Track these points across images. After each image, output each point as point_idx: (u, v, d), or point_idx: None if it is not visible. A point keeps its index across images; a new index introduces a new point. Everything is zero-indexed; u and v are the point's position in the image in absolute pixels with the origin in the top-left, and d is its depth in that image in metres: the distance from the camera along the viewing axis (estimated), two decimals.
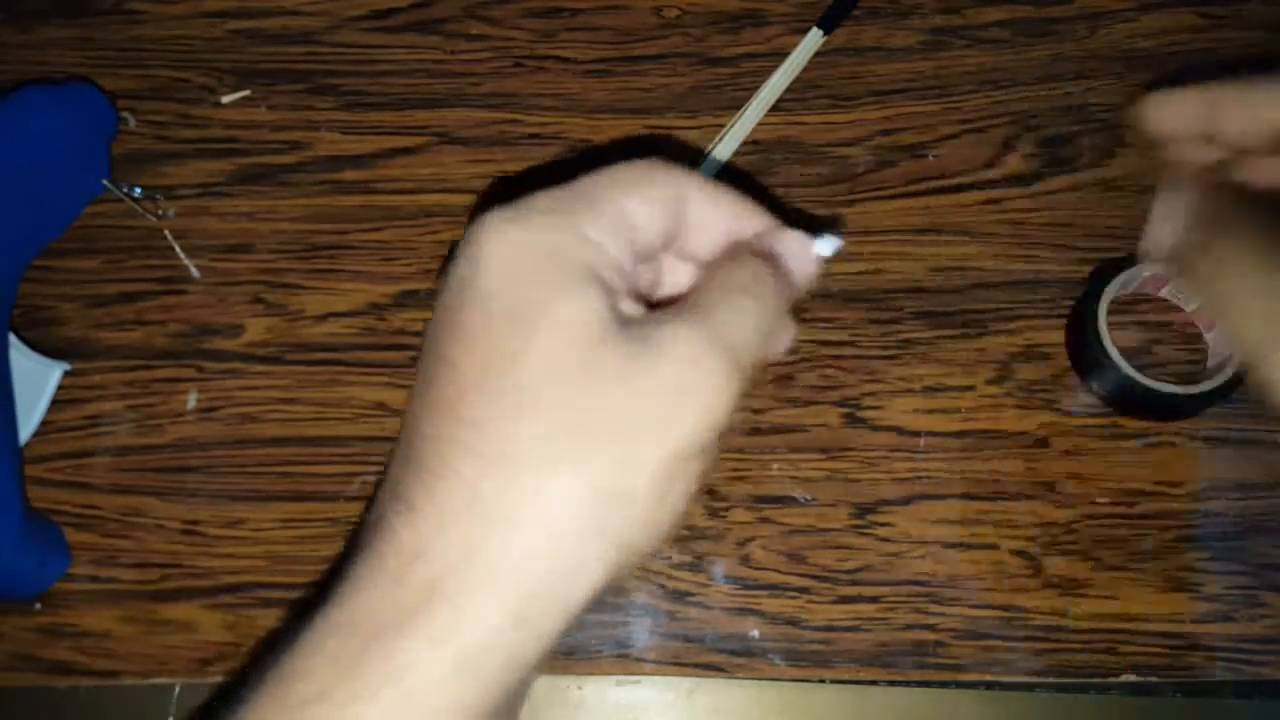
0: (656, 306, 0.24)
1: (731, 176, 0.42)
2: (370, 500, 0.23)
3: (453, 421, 0.21)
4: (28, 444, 0.38)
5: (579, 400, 0.21)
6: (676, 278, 0.26)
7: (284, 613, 0.36)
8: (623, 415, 0.21)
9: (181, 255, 0.41)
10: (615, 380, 0.21)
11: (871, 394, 0.38)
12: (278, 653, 0.21)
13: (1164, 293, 0.39)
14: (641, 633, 0.36)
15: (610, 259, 0.22)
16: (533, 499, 0.20)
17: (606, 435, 0.21)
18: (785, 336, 0.26)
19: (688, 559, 0.37)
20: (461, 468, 0.21)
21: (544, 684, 0.36)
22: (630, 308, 0.23)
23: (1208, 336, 0.38)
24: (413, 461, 0.22)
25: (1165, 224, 0.29)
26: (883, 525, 0.37)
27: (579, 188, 0.23)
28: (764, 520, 0.37)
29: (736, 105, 0.42)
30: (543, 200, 0.23)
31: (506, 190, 0.25)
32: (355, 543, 0.22)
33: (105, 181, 0.41)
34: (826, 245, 0.26)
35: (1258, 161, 0.30)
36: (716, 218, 0.25)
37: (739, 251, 0.25)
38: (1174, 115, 0.31)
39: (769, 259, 0.25)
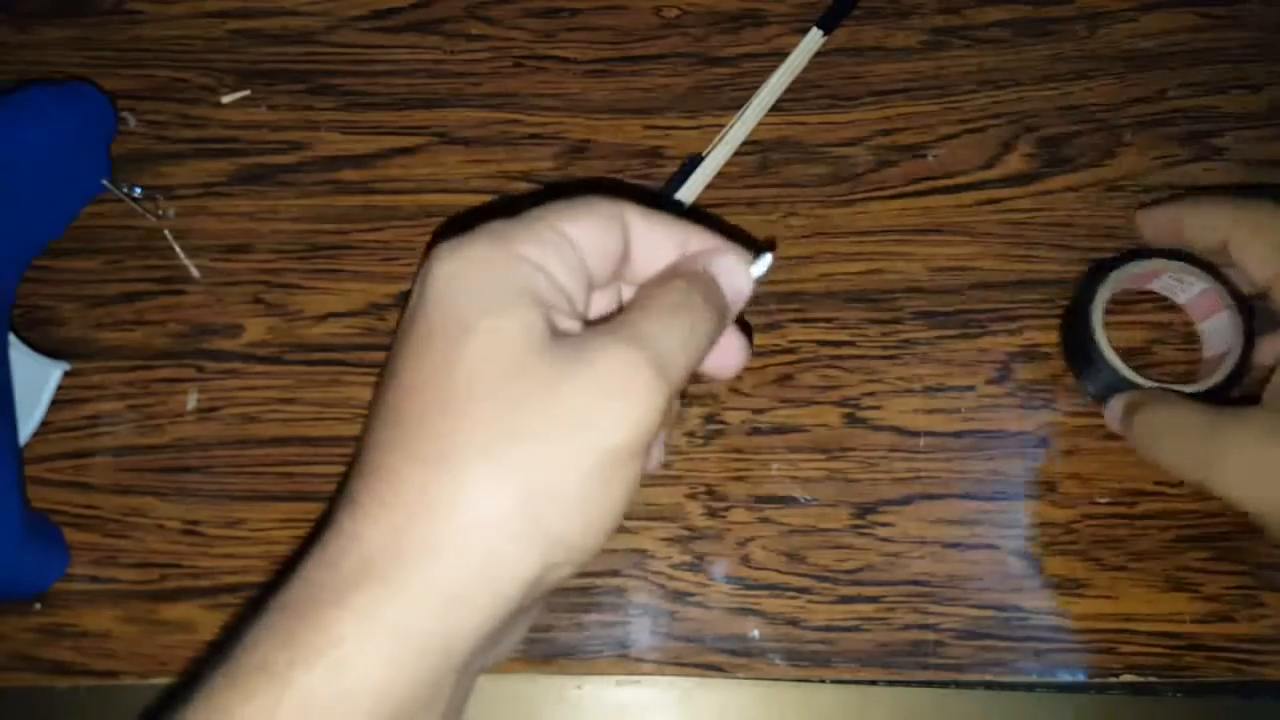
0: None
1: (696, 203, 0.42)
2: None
3: (393, 425, 0.23)
4: (28, 444, 0.38)
5: (507, 402, 0.22)
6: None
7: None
8: (549, 416, 0.22)
9: (181, 255, 0.41)
10: (542, 385, 0.22)
11: (871, 394, 0.38)
12: (232, 636, 0.23)
13: (1156, 285, 0.39)
14: (641, 633, 0.36)
15: (547, 277, 0.24)
16: (460, 490, 0.22)
17: (533, 434, 0.22)
18: (737, 354, 0.28)
19: (688, 559, 0.37)
20: (399, 465, 0.22)
21: (544, 684, 0.36)
22: (569, 324, 0.24)
23: (1202, 326, 0.38)
24: (360, 465, 0.23)
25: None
26: (883, 525, 0.37)
27: (524, 217, 0.25)
28: (764, 520, 0.37)
29: (736, 105, 0.42)
30: (489, 228, 0.25)
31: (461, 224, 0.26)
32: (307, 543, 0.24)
33: (105, 181, 0.41)
34: (759, 265, 0.28)
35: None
36: (659, 242, 0.27)
37: (671, 273, 0.27)
38: (1157, 230, 0.37)
39: (700, 278, 0.26)
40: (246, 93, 0.43)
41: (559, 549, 0.22)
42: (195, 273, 0.40)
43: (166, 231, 0.41)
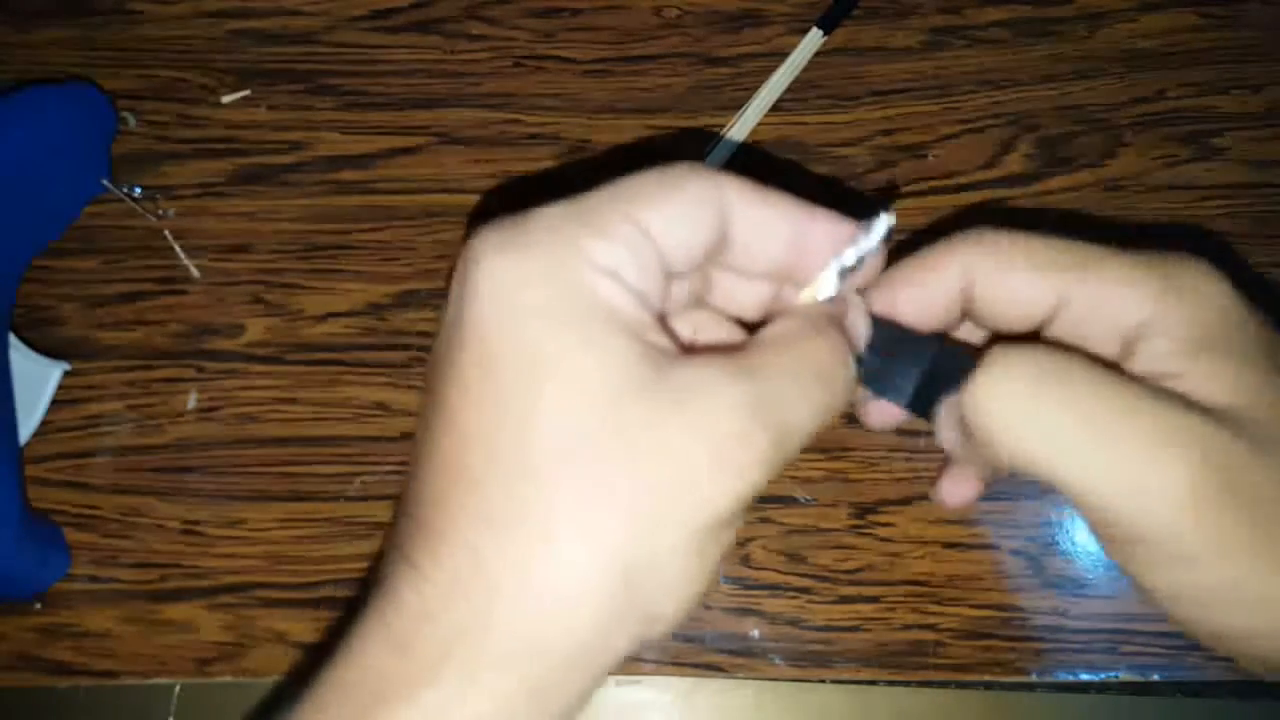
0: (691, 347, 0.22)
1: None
2: (380, 553, 0.22)
3: (455, 481, 0.19)
4: (28, 444, 0.38)
5: (597, 463, 0.19)
6: (731, 293, 0.24)
7: (287, 613, 0.36)
8: (647, 483, 0.19)
9: (181, 255, 0.41)
10: (640, 441, 0.19)
11: None
12: (283, 707, 0.20)
13: None
14: None
15: (627, 287, 0.20)
16: (544, 569, 0.18)
17: (628, 505, 0.19)
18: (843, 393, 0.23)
19: None
20: (468, 532, 0.19)
21: None
22: (657, 338, 0.20)
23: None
24: (416, 518, 0.20)
25: None
26: (883, 525, 0.37)
27: (587, 203, 0.20)
28: (764, 520, 0.37)
29: (736, 105, 0.42)
30: (543, 219, 0.20)
31: (517, 192, 0.23)
32: (366, 594, 0.20)
33: (105, 181, 0.41)
34: (875, 232, 0.23)
35: None
36: (770, 228, 0.22)
37: (813, 315, 0.22)
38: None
39: (840, 324, 0.22)
40: (246, 93, 0.43)
41: (654, 624, 0.20)
42: (195, 273, 0.40)
43: (166, 231, 0.41)
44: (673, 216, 0.21)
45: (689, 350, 0.21)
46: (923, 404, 0.25)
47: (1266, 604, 0.20)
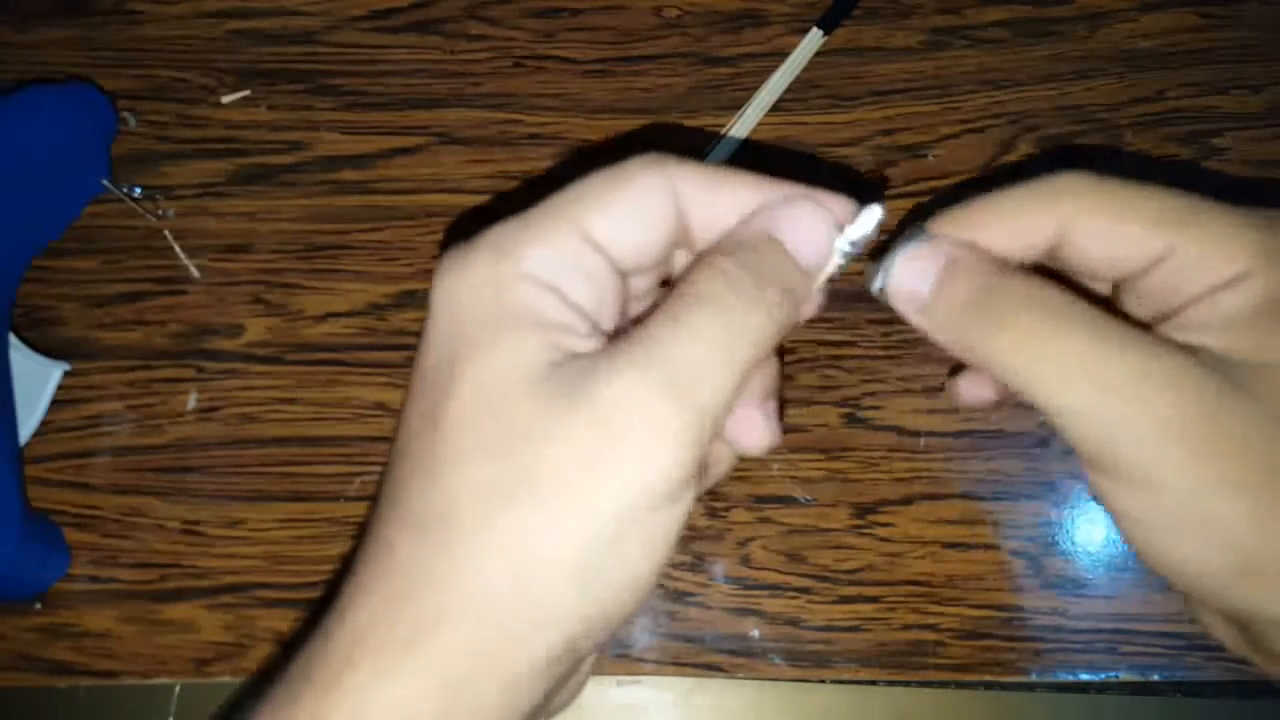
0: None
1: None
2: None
3: (394, 481, 0.21)
4: (28, 444, 0.38)
5: (498, 458, 0.19)
6: None
7: (287, 613, 0.36)
8: (547, 473, 0.19)
9: (181, 255, 0.41)
10: (540, 435, 0.19)
11: (871, 394, 0.38)
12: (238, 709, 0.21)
13: None
14: (641, 633, 0.36)
15: (558, 296, 0.20)
16: (453, 567, 0.19)
17: (529, 497, 0.19)
18: (757, 427, 0.24)
19: (688, 559, 0.37)
20: (385, 529, 0.20)
21: None
22: (586, 345, 0.20)
23: None
24: (369, 525, 0.21)
25: None
26: (883, 525, 0.37)
27: (537, 213, 0.21)
28: (764, 520, 0.37)
29: (736, 105, 0.42)
30: (492, 235, 0.21)
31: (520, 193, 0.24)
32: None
33: (105, 181, 0.41)
34: (860, 223, 0.21)
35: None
36: (726, 207, 0.22)
37: (722, 245, 0.22)
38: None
39: (755, 247, 0.21)
40: (246, 93, 0.43)
41: (574, 623, 0.19)
42: (195, 273, 0.40)
43: (166, 231, 0.41)
44: (620, 217, 0.21)
45: (615, 335, 0.21)
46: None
47: (1219, 530, 0.21)
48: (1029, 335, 0.22)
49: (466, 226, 0.23)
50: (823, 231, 0.22)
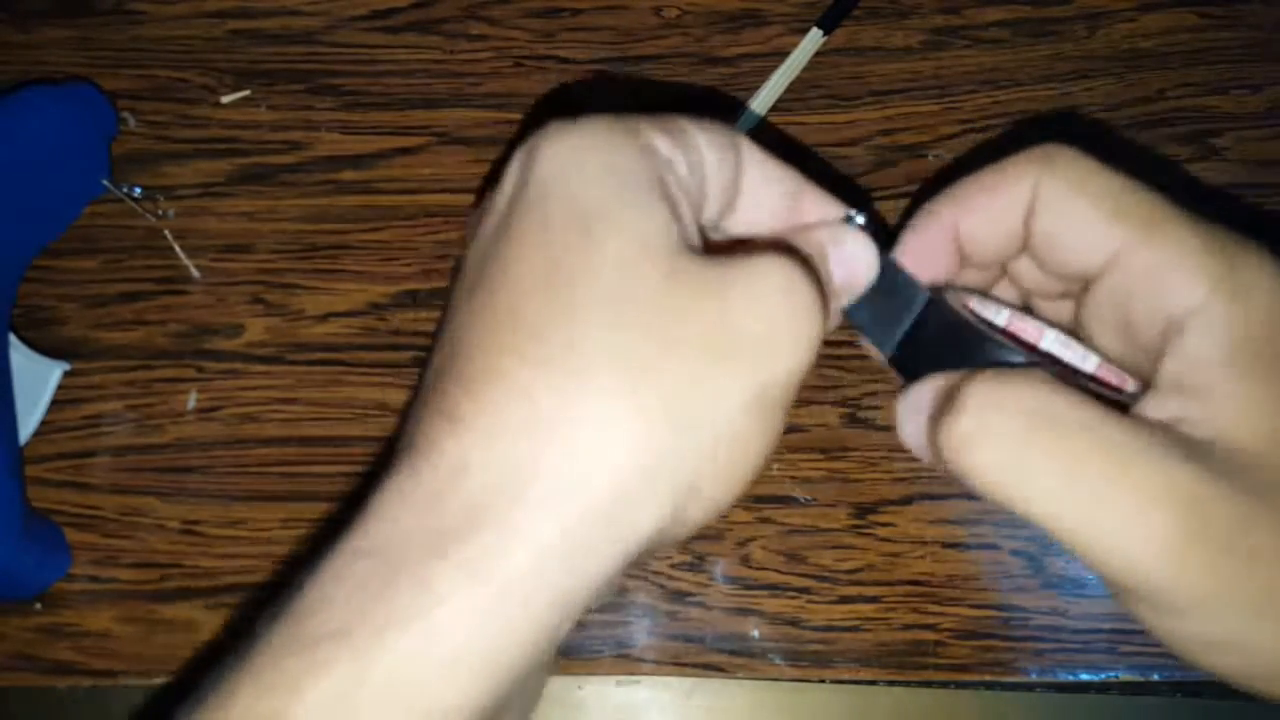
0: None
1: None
2: (394, 436, 0.21)
3: (509, 329, 0.19)
4: (28, 444, 0.38)
5: (660, 309, 0.18)
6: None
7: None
8: (710, 332, 0.18)
9: (181, 255, 0.41)
10: (704, 293, 0.19)
11: (871, 394, 0.38)
12: (294, 584, 0.18)
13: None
14: (641, 633, 0.36)
15: (680, 179, 0.20)
16: (598, 414, 0.18)
17: (690, 352, 0.18)
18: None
19: (688, 559, 0.37)
20: (519, 375, 0.18)
21: None
22: (697, 239, 0.20)
23: None
24: (456, 373, 0.19)
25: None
26: (883, 525, 0.37)
27: (645, 116, 0.21)
28: (764, 520, 0.37)
29: (736, 105, 0.42)
30: (607, 116, 0.21)
31: None
32: (379, 472, 0.19)
33: (105, 181, 0.41)
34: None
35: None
36: (771, 190, 0.23)
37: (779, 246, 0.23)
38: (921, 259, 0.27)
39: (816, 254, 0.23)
40: (246, 93, 0.43)
41: (696, 499, 0.19)
42: (195, 273, 0.40)
43: (166, 231, 0.41)
44: (708, 143, 0.21)
45: None
46: (905, 360, 0.24)
47: (1260, 653, 0.20)
48: (1001, 450, 0.20)
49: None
50: (868, 264, 0.24)
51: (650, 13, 0.44)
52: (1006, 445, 0.20)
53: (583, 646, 0.36)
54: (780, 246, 0.20)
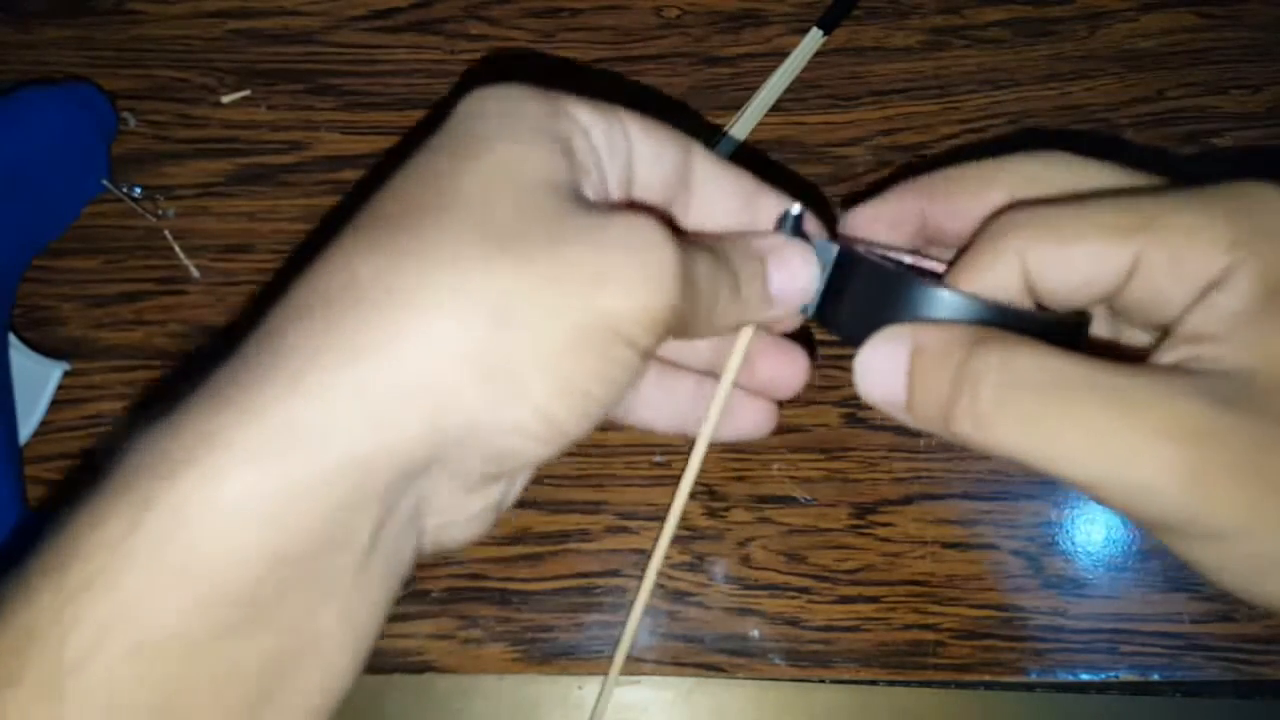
0: None
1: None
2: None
3: (364, 227, 0.20)
4: (28, 444, 0.38)
5: (511, 230, 0.19)
6: None
7: None
8: (556, 258, 0.19)
9: (181, 255, 0.41)
10: (563, 227, 0.19)
11: None
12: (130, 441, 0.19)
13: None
14: (641, 633, 0.36)
15: (588, 144, 0.22)
16: (421, 288, 0.18)
17: (530, 269, 0.19)
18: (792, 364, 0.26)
19: (687, 559, 0.37)
20: (354, 257, 0.19)
21: (544, 684, 0.36)
22: (595, 197, 0.22)
23: None
24: (310, 265, 0.20)
25: None
26: (883, 525, 0.37)
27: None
28: (764, 520, 0.37)
29: (736, 105, 0.42)
30: (531, 84, 0.22)
31: None
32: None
33: (105, 181, 0.41)
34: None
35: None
36: (725, 193, 0.24)
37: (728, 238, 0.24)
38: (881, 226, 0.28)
39: (754, 255, 0.24)
40: (246, 93, 0.43)
41: (523, 404, 0.19)
42: (195, 273, 0.40)
43: (166, 231, 0.41)
44: (648, 136, 0.23)
45: None
46: (830, 313, 0.25)
47: None
48: (1021, 423, 0.20)
49: None
50: (806, 279, 0.24)
51: (650, 12, 0.44)
52: (1025, 417, 0.20)
53: (583, 646, 0.36)
54: (657, 214, 0.21)
